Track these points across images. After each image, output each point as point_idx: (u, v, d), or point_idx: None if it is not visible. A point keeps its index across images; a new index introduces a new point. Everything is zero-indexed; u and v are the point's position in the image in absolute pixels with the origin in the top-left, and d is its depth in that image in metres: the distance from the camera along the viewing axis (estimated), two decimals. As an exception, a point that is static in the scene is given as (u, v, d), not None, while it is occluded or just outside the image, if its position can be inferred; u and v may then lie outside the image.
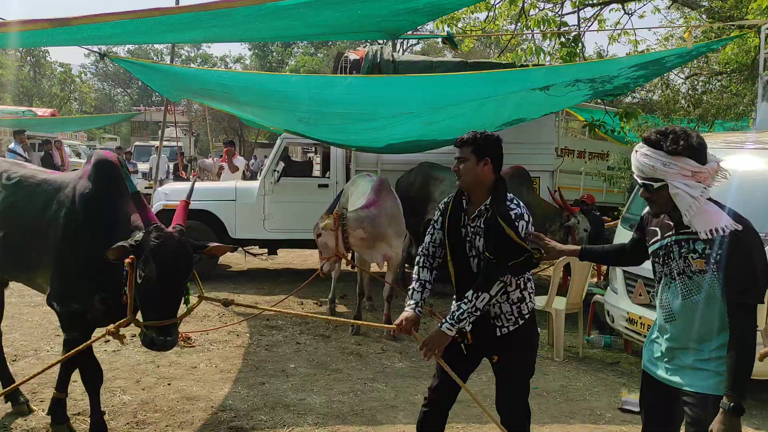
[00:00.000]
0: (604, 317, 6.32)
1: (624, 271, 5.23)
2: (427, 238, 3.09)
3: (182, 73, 5.92)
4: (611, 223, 8.66)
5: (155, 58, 46.10)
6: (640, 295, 5.01)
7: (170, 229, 3.07)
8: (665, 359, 2.49)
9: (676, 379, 2.44)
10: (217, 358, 5.29)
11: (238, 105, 7.19)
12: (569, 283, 7.59)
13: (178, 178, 16.52)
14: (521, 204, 2.91)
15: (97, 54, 5.42)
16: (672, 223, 2.42)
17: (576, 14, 8.64)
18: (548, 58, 7.47)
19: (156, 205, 8.30)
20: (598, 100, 11.26)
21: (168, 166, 19.35)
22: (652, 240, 2.53)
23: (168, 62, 5.97)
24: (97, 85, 53.47)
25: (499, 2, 8.73)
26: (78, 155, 20.92)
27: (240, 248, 8.71)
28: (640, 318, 4.93)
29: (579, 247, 2.92)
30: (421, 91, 6.13)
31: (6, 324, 5.85)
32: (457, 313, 2.82)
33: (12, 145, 12.27)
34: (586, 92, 6.61)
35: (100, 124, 23.67)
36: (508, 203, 2.85)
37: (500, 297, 2.87)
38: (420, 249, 3.13)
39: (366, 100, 6.31)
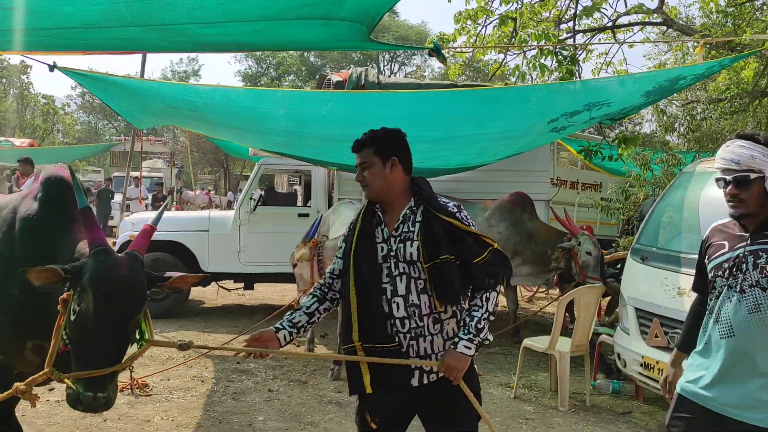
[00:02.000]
0: (610, 360, 5.74)
1: (636, 309, 4.66)
2: (329, 269, 2.61)
3: (143, 88, 5.33)
4: (609, 256, 8.12)
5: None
6: (656, 336, 4.42)
7: (122, 254, 2.45)
8: (719, 381, 2.22)
9: (739, 411, 2.16)
10: (176, 409, 4.62)
11: (208, 124, 6.63)
12: (568, 322, 7.05)
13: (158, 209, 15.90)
14: (451, 203, 2.49)
15: (47, 65, 4.81)
16: (747, 234, 2.25)
17: (572, 37, 8.24)
18: (553, 76, 7.00)
19: (122, 236, 7.73)
20: (589, 130, 10.80)
21: (148, 197, 18.78)
22: (717, 253, 2.32)
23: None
24: (83, 118, 52.92)
25: (491, 22, 8.28)
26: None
27: (213, 282, 8.09)
28: (657, 363, 4.32)
29: (675, 354, 2.56)
30: (409, 109, 5.62)
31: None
32: (473, 323, 2.31)
33: (-23, 174, 11.61)
34: (588, 118, 6.13)
35: (79, 156, 23.10)
36: (438, 198, 2.47)
37: (432, 327, 2.36)
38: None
39: (349, 120, 5.79)
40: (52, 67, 4.90)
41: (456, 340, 2.33)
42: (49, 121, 43.91)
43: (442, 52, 3.41)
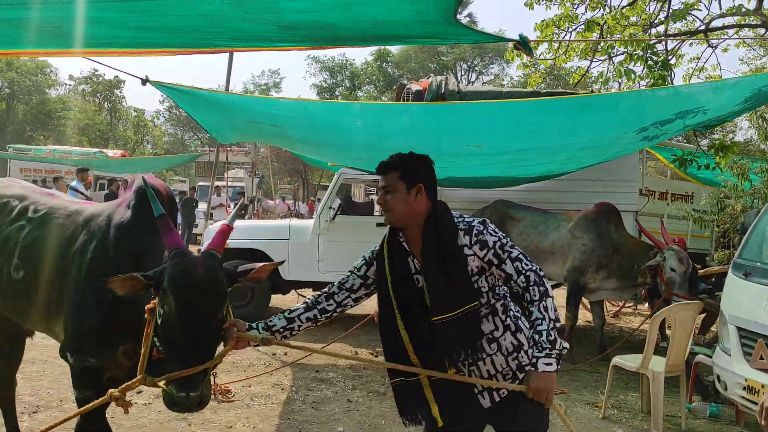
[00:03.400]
0: (707, 381, 5.40)
1: (739, 329, 4.34)
2: (339, 280, 2.50)
3: (229, 102, 5.45)
4: (703, 271, 7.68)
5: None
6: (761, 358, 4.10)
7: (198, 253, 2.48)
8: None
9: None
10: (257, 416, 4.66)
11: (289, 140, 6.71)
12: (658, 340, 6.71)
13: (240, 218, 16.38)
14: (475, 220, 2.34)
15: (139, 79, 4.99)
16: None
17: (664, 42, 7.88)
18: (642, 83, 6.71)
19: (206, 244, 7.92)
20: (677, 138, 10.25)
21: (230, 205, 19.37)
22: None
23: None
24: (170, 130, 55.31)
25: (575, 29, 8.05)
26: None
27: (293, 290, 8.20)
28: (763, 387, 4.01)
29: None
30: (491, 119, 5.48)
31: (36, 369, 5.46)
32: (544, 337, 2.18)
33: (74, 183, 12.26)
34: (681, 126, 5.81)
35: (166, 166, 24.12)
36: (458, 221, 2.32)
37: (489, 348, 2.26)
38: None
39: (429, 130, 5.71)
40: (144, 81, 5.08)
41: (533, 360, 2.21)
42: (140, 133, 46.25)
43: (529, 44, 3.26)
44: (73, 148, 24.49)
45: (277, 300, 8.88)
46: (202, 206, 18.89)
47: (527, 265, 2.25)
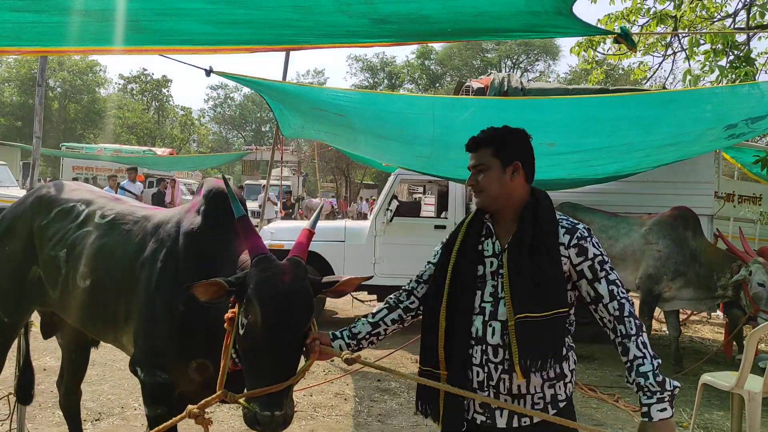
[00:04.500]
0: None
1: None
2: (418, 273, 2.27)
3: (292, 90, 5.31)
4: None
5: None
6: None
7: (284, 260, 2.24)
8: None
9: None
10: (322, 428, 4.46)
11: (353, 133, 6.52)
12: (735, 353, 6.32)
13: (286, 216, 16.38)
14: (581, 224, 2.05)
15: (204, 71, 4.87)
16: None
17: (746, 34, 7.41)
18: (724, 81, 6.31)
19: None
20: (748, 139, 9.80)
21: (278, 203, 19.37)
22: None
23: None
24: (215, 128, 56.10)
25: (646, 23, 7.64)
26: (192, 193, 21.39)
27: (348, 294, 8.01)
28: None
29: None
30: (562, 115, 5.18)
31: (96, 372, 5.38)
32: (650, 380, 1.85)
33: (124, 183, 12.35)
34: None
35: (213, 164, 24.22)
36: (560, 218, 2.04)
37: None
38: None
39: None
40: (208, 72, 4.96)
41: (644, 409, 1.87)
42: (186, 132, 46.93)
43: (631, 37, 2.94)
44: (123, 146, 24.91)
45: (330, 303, 8.74)
46: (250, 204, 18.95)
47: (623, 292, 1.97)
